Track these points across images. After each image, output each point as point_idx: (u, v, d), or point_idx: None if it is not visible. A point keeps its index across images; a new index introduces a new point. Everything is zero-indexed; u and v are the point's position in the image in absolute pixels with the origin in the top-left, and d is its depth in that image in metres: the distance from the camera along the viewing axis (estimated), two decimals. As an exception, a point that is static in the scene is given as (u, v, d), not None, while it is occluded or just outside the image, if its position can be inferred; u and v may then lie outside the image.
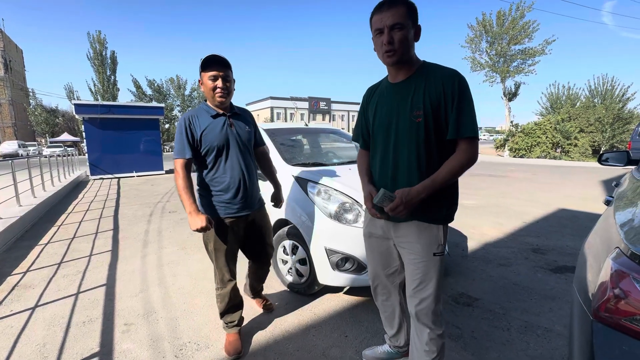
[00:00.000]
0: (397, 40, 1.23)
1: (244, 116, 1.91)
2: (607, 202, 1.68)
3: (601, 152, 2.66)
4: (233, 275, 1.89)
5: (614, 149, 17.72)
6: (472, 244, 3.65)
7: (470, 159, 1.24)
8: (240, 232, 1.91)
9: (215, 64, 1.69)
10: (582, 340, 0.89)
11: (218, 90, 1.71)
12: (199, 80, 1.77)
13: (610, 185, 7.56)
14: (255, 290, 2.31)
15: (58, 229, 4.67)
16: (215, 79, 1.69)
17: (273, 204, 2.16)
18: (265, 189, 2.18)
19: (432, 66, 1.31)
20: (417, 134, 1.26)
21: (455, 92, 1.21)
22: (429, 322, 1.36)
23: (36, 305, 2.45)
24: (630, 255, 0.80)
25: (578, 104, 22.68)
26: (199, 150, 1.75)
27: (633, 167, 2.41)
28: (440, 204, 1.32)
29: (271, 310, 2.29)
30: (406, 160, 1.30)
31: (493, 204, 5.76)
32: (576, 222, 4.56)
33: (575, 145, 17.19)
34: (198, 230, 1.64)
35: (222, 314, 1.92)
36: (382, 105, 1.39)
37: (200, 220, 1.63)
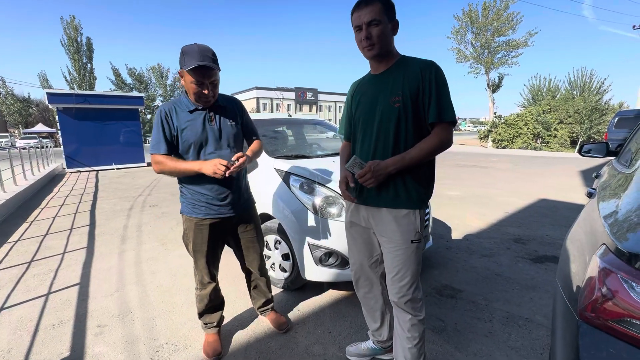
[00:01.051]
0: (375, 35, 1.30)
1: (230, 108, 1.71)
2: (590, 195, 1.68)
3: (581, 144, 2.69)
4: (213, 278, 1.80)
5: (591, 140, 18.33)
6: (456, 235, 3.68)
7: (443, 142, 1.30)
8: (225, 234, 1.80)
9: (203, 68, 1.48)
10: (566, 340, 0.86)
11: (203, 97, 1.54)
12: (179, 72, 1.57)
13: (589, 175, 7.81)
14: (258, 302, 2.03)
15: (30, 225, 4.44)
16: (201, 84, 1.51)
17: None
18: (254, 184, 2.04)
19: (410, 58, 1.38)
20: (396, 119, 1.32)
21: (432, 80, 1.27)
22: (410, 308, 1.40)
23: (2, 308, 2.30)
24: (618, 253, 0.76)
25: (558, 95, 23.24)
26: (177, 146, 1.61)
27: (612, 158, 2.44)
28: (414, 187, 1.35)
29: (285, 330, 1.98)
30: (384, 143, 1.35)
31: (476, 195, 5.84)
32: (556, 212, 4.67)
33: (555, 137, 17.68)
34: (220, 175, 1.46)
35: (201, 314, 1.84)
36: (365, 96, 1.44)
37: (212, 165, 1.47)
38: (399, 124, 1.32)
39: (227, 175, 1.50)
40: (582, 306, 0.78)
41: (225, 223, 1.74)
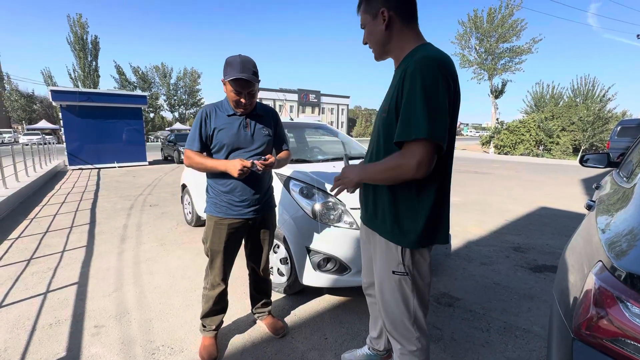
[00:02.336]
0: (366, 39, 1.22)
1: (266, 117, 1.81)
2: (589, 207, 1.68)
3: (582, 153, 2.69)
4: (224, 280, 1.82)
5: (594, 148, 18.29)
6: (455, 242, 3.67)
7: (400, 166, 1.00)
8: (242, 236, 1.85)
9: (241, 80, 1.58)
10: (560, 355, 0.86)
11: (240, 105, 1.65)
12: (222, 80, 1.66)
13: (590, 183, 7.78)
14: (257, 303, 2.05)
15: (30, 222, 4.45)
16: (239, 93, 1.61)
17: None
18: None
19: (418, 50, 1.10)
20: (380, 131, 1.17)
21: (407, 82, 1.00)
22: (398, 336, 1.27)
23: (0, 306, 2.31)
24: (613, 271, 0.76)
25: (561, 103, 23.23)
26: (210, 146, 1.71)
27: (614, 169, 2.43)
28: (392, 216, 1.14)
29: (282, 335, 1.97)
30: (376, 155, 1.21)
31: (477, 201, 5.83)
32: (556, 220, 4.66)
33: (557, 144, 17.64)
34: (241, 173, 1.57)
35: (203, 315, 1.85)
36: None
37: (235, 162, 1.57)
38: (381, 137, 1.16)
39: (253, 170, 1.62)
40: (577, 323, 0.78)
41: (245, 224, 1.79)
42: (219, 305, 1.84)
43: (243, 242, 1.93)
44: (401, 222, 1.14)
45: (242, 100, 1.63)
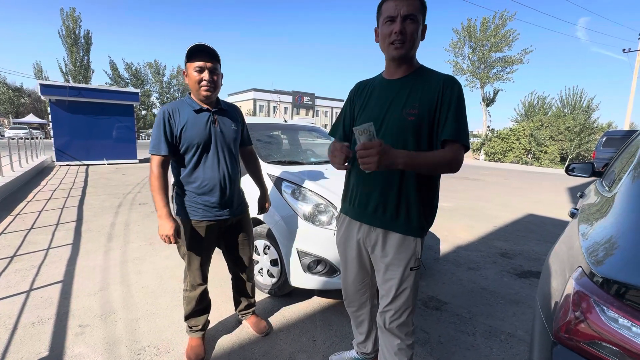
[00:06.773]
0: (409, 32, 1.19)
1: (231, 113, 1.78)
2: (572, 215, 1.72)
3: (568, 163, 2.76)
4: (204, 280, 1.80)
5: (580, 158, 18.74)
6: (444, 247, 3.72)
7: (455, 161, 1.19)
8: (218, 236, 1.82)
9: (203, 55, 1.55)
10: (541, 358, 0.89)
11: (204, 83, 1.57)
12: (184, 72, 1.63)
13: (575, 192, 7.97)
14: (241, 305, 2.05)
15: (14, 218, 4.34)
16: (201, 70, 1.56)
17: (258, 210, 2.07)
18: (250, 188, 2.08)
19: (431, 70, 1.30)
20: (407, 133, 1.22)
21: (454, 97, 1.20)
22: (401, 333, 1.35)
23: (-20, 304, 2.25)
24: (592, 277, 0.79)
25: (550, 112, 23.79)
26: (178, 147, 1.62)
27: (597, 178, 2.50)
28: (416, 212, 1.26)
29: (266, 334, 2.00)
30: None
31: (467, 207, 5.91)
32: (543, 227, 4.76)
33: (546, 153, 18.03)
34: (164, 238, 1.56)
35: (187, 317, 1.83)
36: (373, 101, 1.32)
37: (170, 228, 1.56)
38: (409, 138, 1.21)
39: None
40: (557, 326, 0.80)
41: (220, 225, 1.77)
42: (201, 305, 1.82)
43: (223, 249, 1.92)
44: (427, 216, 1.30)
45: (205, 77, 1.56)
